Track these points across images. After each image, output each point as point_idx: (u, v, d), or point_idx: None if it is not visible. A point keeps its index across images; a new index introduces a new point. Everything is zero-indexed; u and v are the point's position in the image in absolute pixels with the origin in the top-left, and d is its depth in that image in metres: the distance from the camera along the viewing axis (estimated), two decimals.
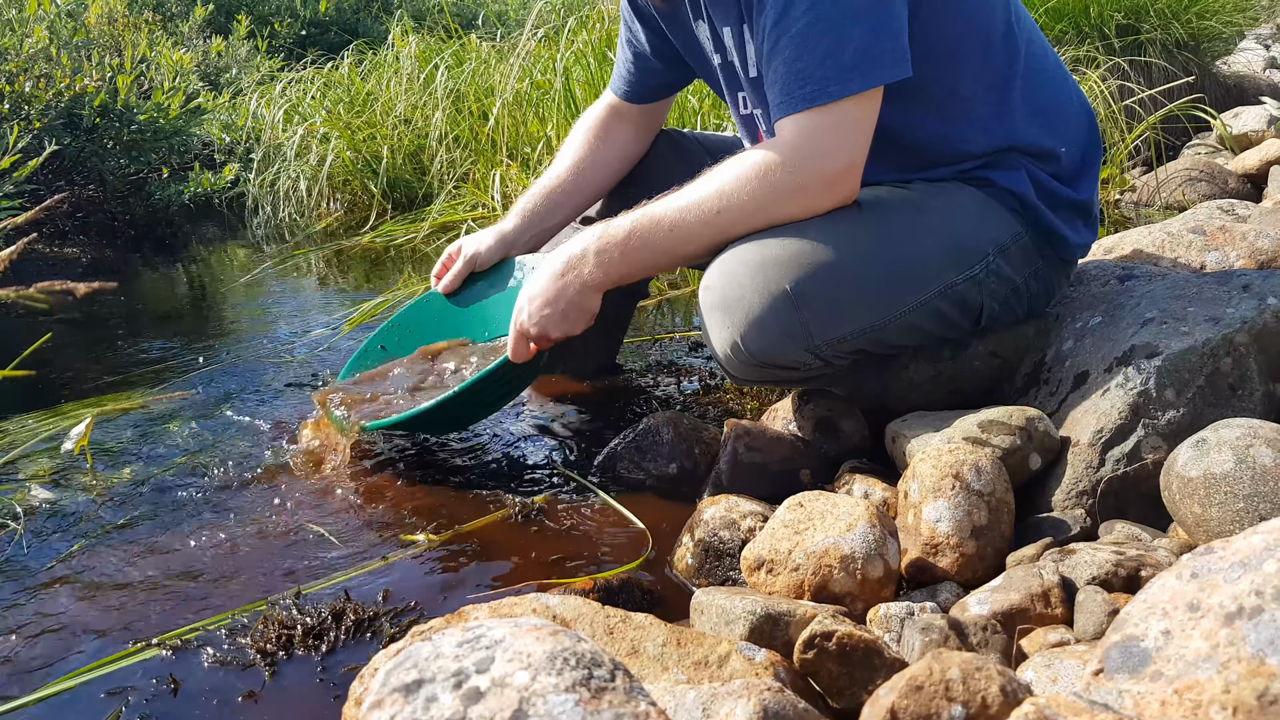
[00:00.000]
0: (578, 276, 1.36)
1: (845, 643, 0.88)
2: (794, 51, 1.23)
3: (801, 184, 1.25)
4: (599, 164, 1.69)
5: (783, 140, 1.26)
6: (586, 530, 1.35)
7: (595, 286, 1.37)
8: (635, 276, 1.38)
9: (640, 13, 1.59)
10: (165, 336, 2.38)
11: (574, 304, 1.37)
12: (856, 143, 1.25)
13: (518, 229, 1.68)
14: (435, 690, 0.63)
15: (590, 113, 1.74)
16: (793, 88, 1.24)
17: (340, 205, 3.76)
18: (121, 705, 1.02)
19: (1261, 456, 0.98)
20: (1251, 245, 1.64)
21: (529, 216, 1.68)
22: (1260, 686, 0.64)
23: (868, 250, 1.28)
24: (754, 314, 1.25)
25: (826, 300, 1.25)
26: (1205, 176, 2.83)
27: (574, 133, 1.74)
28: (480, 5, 6.97)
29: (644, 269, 1.38)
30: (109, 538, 1.37)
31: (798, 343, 1.27)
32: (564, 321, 1.38)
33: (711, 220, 1.29)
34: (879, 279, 1.28)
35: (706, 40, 1.46)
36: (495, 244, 1.67)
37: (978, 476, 1.11)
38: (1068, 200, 1.42)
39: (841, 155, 1.24)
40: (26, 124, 3.04)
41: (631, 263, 1.34)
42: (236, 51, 5.20)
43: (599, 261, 1.35)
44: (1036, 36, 1.43)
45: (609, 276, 1.36)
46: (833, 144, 1.24)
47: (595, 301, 1.38)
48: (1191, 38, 3.51)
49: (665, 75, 1.65)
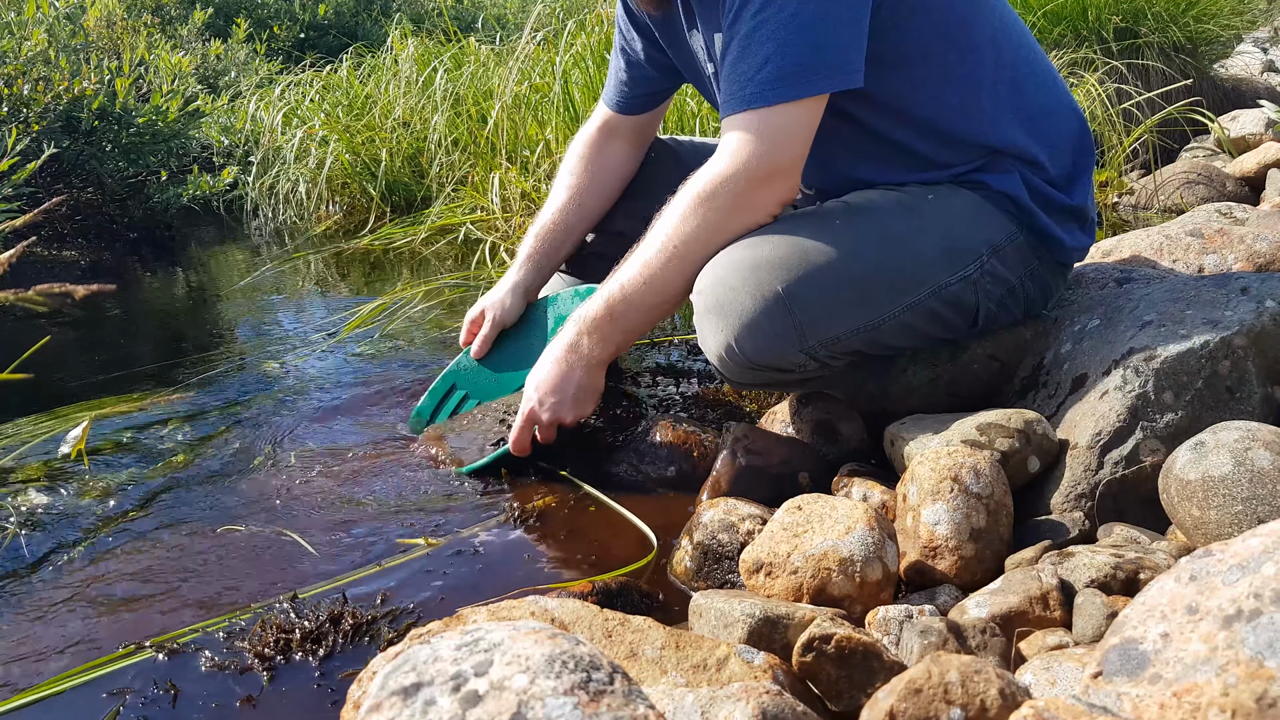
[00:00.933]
0: (580, 357, 1.40)
1: (844, 646, 0.88)
2: (739, 53, 1.26)
3: (737, 196, 1.28)
4: (595, 190, 1.73)
5: (722, 145, 1.29)
6: (585, 533, 1.35)
7: (600, 362, 1.41)
8: (635, 338, 1.44)
9: (636, 22, 1.60)
10: (163, 339, 2.38)
11: (582, 386, 1.41)
12: (790, 147, 1.27)
13: (529, 275, 1.72)
14: (434, 693, 0.63)
15: (582, 135, 1.75)
16: (734, 89, 1.27)
17: (339, 208, 3.76)
18: (117, 708, 1.02)
19: (1260, 459, 0.98)
20: (1250, 248, 1.65)
21: (538, 259, 1.72)
22: (1259, 689, 0.64)
23: (859, 250, 1.29)
24: (747, 316, 1.26)
25: (819, 301, 1.26)
26: (1203, 179, 2.83)
27: (568, 159, 1.75)
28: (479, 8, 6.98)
29: (641, 328, 1.42)
30: (106, 540, 1.36)
31: (791, 344, 1.27)
32: (576, 405, 1.42)
33: (676, 260, 1.32)
34: (871, 279, 1.29)
35: (700, 50, 1.48)
36: (517, 299, 1.71)
37: (976, 479, 1.11)
38: (1061, 205, 1.42)
39: (775, 156, 1.27)
40: (25, 127, 3.04)
41: (625, 328, 1.39)
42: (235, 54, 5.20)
43: (595, 339, 1.39)
44: (1027, 41, 1.44)
45: (608, 349, 1.40)
46: (767, 146, 1.26)
47: (601, 378, 1.43)
48: (1189, 41, 3.51)
49: (659, 83, 1.66)
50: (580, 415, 1.44)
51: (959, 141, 1.38)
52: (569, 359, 1.41)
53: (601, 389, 1.44)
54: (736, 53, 1.26)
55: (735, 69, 1.26)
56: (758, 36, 1.23)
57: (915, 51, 1.33)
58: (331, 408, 1.82)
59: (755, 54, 1.24)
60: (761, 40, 1.23)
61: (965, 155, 1.39)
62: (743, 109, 1.26)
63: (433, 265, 2.91)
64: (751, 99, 1.25)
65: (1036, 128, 1.40)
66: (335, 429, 1.72)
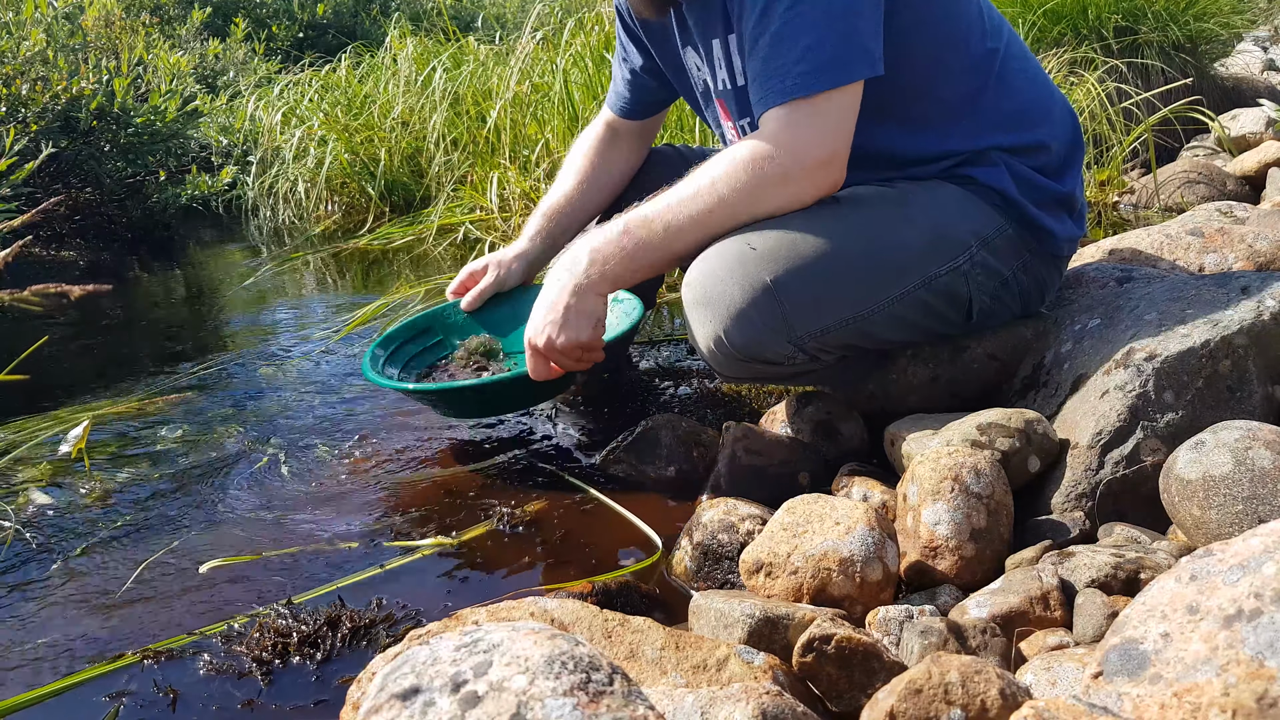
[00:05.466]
0: (574, 280, 1.36)
1: (844, 646, 0.87)
2: (773, 49, 1.26)
3: (785, 173, 1.26)
4: (600, 180, 1.73)
5: (766, 132, 1.28)
6: (585, 534, 1.34)
7: (593, 289, 1.36)
8: (634, 278, 1.37)
9: (631, 34, 1.63)
10: (162, 339, 2.38)
11: (573, 308, 1.35)
12: (838, 134, 1.26)
13: (536, 249, 1.70)
14: (433, 695, 0.63)
15: (589, 132, 1.77)
16: (773, 83, 1.26)
17: (338, 208, 3.75)
18: (115, 710, 1.02)
19: (1260, 459, 0.98)
20: (1250, 247, 1.64)
21: (545, 237, 1.71)
22: (1259, 689, 0.64)
23: (847, 242, 1.29)
24: (736, 307, 1.26)
25: (807, 292, 1.26)
26: (1203, 179, 2.83)
27: (573, 152, 1.76)
28: (478, 7, 6.97)
29: (641, 269, 1.36)
30: (105, 541, 1.36)
31: (780, 335, 1.27)
32: (567, 327, 1.36)
33: (701, 214, 1.30)
34: (859, 270, 1.29)
35: (694, 67, 1.49)
36: (522, 266, 1.70)
37: (977, 479, 1.10)
38: (1051, 194, 1.43)
39: (824, 145, 1.26)
40: (23, 127, 3.04)
41: (628, 263, 1.34)
42: (234, 54, 5.20)
43: (594, 262, 1.35)
44: (1015, 43, 1.46)
45: (606, 278, 1.35)
46: (815, 134, 1.25)
47: (597, 305, 1.37)
48: (1189, 40, 3.51)
49: (659, 92, 1.69)
50: (571, 339, 1.35)
51: (949, 139, 1.40)
52: (564, 278, 1.36)
53: (598, 317, 1.37)
54: (768, 49, 1.26)
55: (770, 64, 1.26)
56: (790, 30, 1.24)
57: (916, 52, 1.33)
58: (331, 408, 1.82)
59: (792, 47, 1.24)
60: (796, 33, 1.24)
61: (954, 150, 1.41)
62: (783, 100, 1.25)
63: (433, 265, 2.91)
64: (793, 89, 1.24)
65: (1027, 118, 1.41)
66: (334, 429, 1.72)
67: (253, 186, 3.80)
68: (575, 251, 1.38)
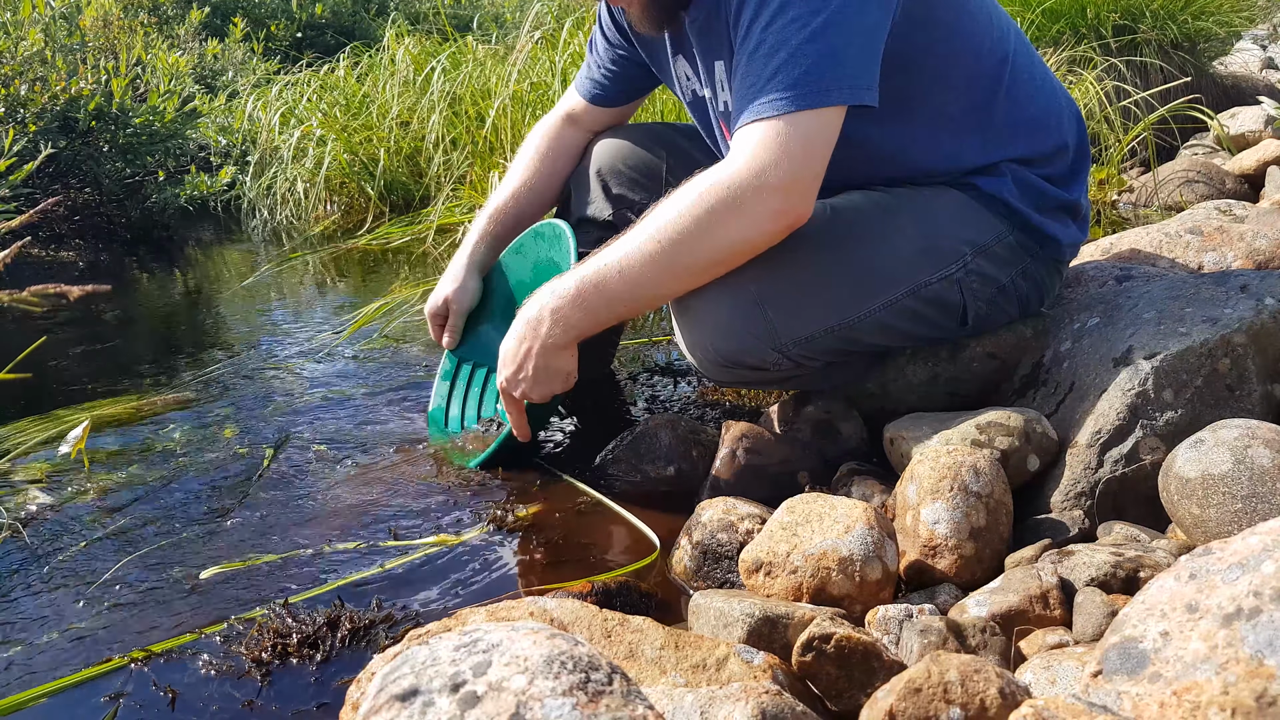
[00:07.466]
0: (537, 339, 1.31)
1: (844, 645, 0.87)
2: (749, 68, 1.20)
3: (737, 199, 1.17)
4: (550, 178, 1.73)
5: (729, 155, 1.20)
6: (584, 533, 1.34)
7: (559, 346, 1.31)
8: (599, 327, 1.32)
9: (617, 24, 1.60)
10: (162, 340, 2.38)
11: (541, 367, 1.32)
12: (805, 159, 1.16)
13: (484, 253, 1.71)
14: (432, 695, 0.63)
15: (543, 123, 1.76)
16: (743, 102, 1.20)
17: (337, 208, 3.75)
18: (114, 710, 1.02)
19: (1259, 457, 0.98)
20: (1249, 246, 1.64)
21: (490, 240, 1.72)
22: (1259, 688, 0.64)
23: (833, 251, 1.28)
24: (720, 315, 1.26)
25: (791, 300, 1.26)
26: (1202, 177, 2.83)
27: (525, 147, 1.76)
28: (476, 7, 6.97)
29: (606, 319, 1.31)
30: (105, 542, 1.36)
31: (764, 342, 1.27)
32: (538, 384, 1.34)
33: (656, 255, 1.22)
34: (843, 279, 1.29)
35: (684, 76, 1.48)
36: (473, 278, 1.70)
37: (976, 478, 1.10)
38: (1057, 201, 1.41)
39: (785, 169, 1.15)
40: (22, 127, 3.03)
41: (590, 315, 1.28)
42: (232, 54, 5.19)
43: (556, 320, 1.29)
44: (1023, 46, 1.43)
45: (569, 334, 1.30)
46: (775, 157, 1.15)
47: (565, 360, 1.33)
48: (1188, 38, 3.51)
49: (641, 80, 1.66)
50: (545, 395, 1.35)
51: (960, 153, 1.38)
52: (529, 337, 1.32)
53: (570, 370, 1.34)
54: (744, 67, 1.20)
55: (744, 82, 1.20)
56: (766, 49, 1.17)
57: (929, 68, 1.30)
58: (330, 409, 1.82)
59: (765, 65, 1.17)
60: (772, 52, 1.17)
61: (964, 166, 1.39)
62: (753, 119, 1.17)
63: (432, 265, 2.91)
64: (761, 109, 1.16)
65: (1037, 128, 1.40)
66: (334, 430, 1.72)
67: (251, 187, 3.80)
68: (534, 308, 1.32)
